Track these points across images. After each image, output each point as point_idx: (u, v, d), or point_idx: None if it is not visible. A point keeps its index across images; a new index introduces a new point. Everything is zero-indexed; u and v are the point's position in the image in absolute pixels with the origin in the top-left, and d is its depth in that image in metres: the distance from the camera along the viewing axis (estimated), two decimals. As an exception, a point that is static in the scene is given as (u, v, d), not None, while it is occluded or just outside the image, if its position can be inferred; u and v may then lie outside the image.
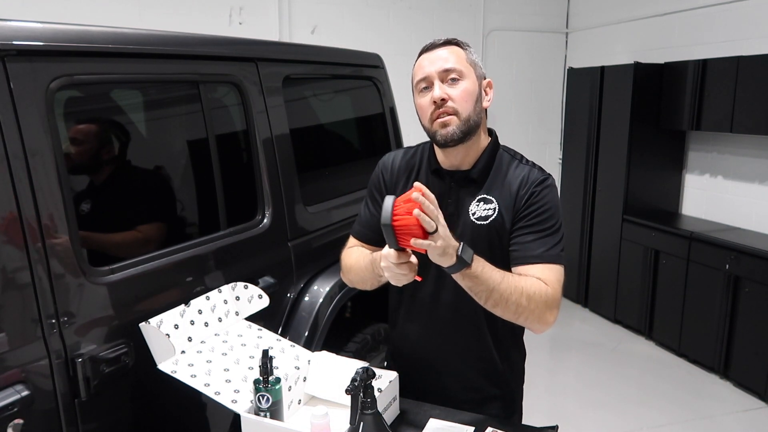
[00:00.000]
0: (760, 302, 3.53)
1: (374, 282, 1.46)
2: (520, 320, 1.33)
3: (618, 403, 3.59)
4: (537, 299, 1.29)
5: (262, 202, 1.98)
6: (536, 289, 1.30)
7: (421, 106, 1.41)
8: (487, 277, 1.26)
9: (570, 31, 5.75)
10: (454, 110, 1.36)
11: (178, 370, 1.38)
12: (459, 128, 1.37)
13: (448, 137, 1.37)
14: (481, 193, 1.43)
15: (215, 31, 2.29)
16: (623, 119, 4.53)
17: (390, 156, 1.58)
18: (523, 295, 1.28)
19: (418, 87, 1.41)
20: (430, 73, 1.38)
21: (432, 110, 1.38)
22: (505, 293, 1.27)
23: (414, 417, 1.43)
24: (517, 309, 1.29)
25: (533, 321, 1.32)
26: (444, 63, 1.38)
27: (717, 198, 4.39)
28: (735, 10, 4.11)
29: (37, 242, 1.27)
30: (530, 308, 1.29)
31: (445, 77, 1.37)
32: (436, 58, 1.39)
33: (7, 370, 1.23)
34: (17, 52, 1.26)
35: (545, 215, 1.38)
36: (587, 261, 5.05)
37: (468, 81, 1.38)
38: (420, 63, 1.42)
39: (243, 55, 1.96)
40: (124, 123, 1.77)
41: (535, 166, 1.45)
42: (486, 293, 1.27)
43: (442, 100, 1.36)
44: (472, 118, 1.39)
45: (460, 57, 1.40)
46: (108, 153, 1.68)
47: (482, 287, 1.27)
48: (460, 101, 1.37)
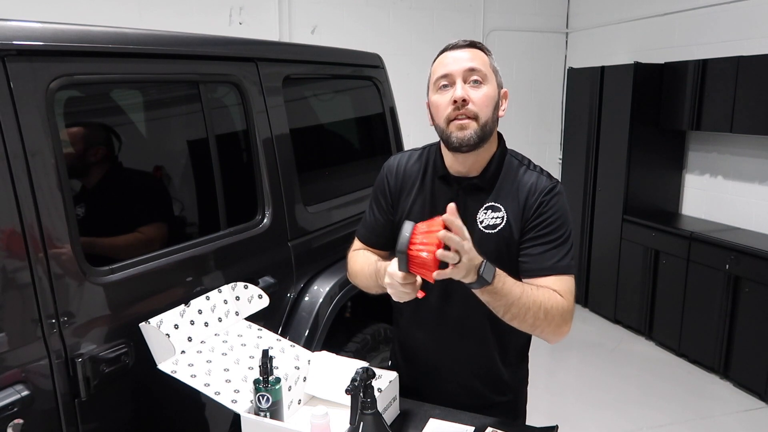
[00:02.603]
0: (760, 302, 3.53)
1: (378, 290, 1.44)
2: (536, 332, 1.31)
3: (618, 403, 3.59)
4: (554, 313, 1.28)
5: (262, 202, 1.98)
6: (553, 303, 1.28)
7: (437, 104, 1.36)
8: (507, 293, 1.22)
9: (570, 31, 5.75)
10: (474, 114, 1.32)
11: (178, 370, 1.38)
12: (476, 133, 1.32)
13: (464, 141, 1.32)
14: (489, 201, 1.40)
15: (215, 31, 2.30)
16: (623, 119, 4.53)
17: (395, 159, 1.53)
18: (541, 309, 1.26)
19: (438, 84, 1.36)
20: (454, 70, 1.33)
21: (450, 110, 1.32)
22: (523, 308, 1.24)
23: (414, 417, 1.43)
24: (534, 322, 1.27)
25: (549, 333, 1.31)
26: (469, 62, 1.34)
27: (717, 198, 4.39)
28: (735, 10, 4.11)
29: (37, 242, 1.27)
30: (547, 321, 1.27)
31: (468, 77, 1.33)
32: (460, 57, 1.35)
33: (7, 370, 1.23)
34: (17, 52, 1.26)
35: (555, 224, 1.35)
36: (587, 261, 5.05)
37: (490, 86, 1.35)
38: (442, 60, 1.37)
39: (243, 55, 1.96)
40: (124, 123, 1.77)
41: (543, 173, 1.42)
42: (504, 308, 1.25)
43: (464, 101, 1.31)
44: (489, 124, 1.35)
45: (484, 61, 1.36)
46: (107, 153, 1.68)
47: (501, 302, 1.24)
48: (481, 105, 1.33)
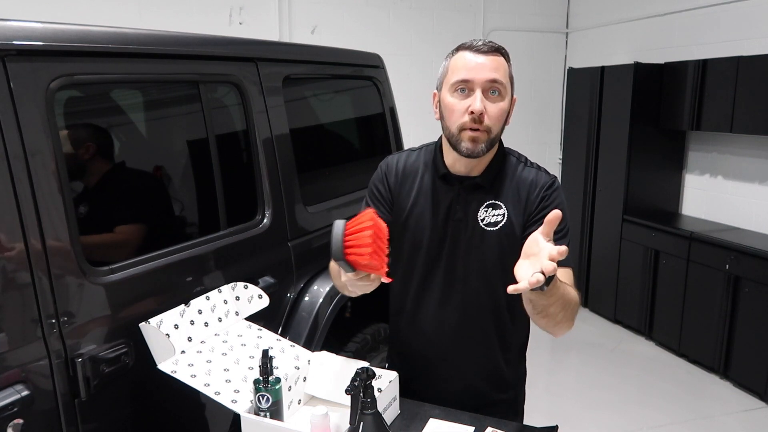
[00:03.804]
0: (760, 302, 3.53)
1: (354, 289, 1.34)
2: (555, 329, 1.27)
3: (618, 403, 3.59)
4: (574, 309, 1.26)
5: (262, 202, 1.98)
6: (574, 299, 1.26)
7: (452, 108, 1.35)
8: (552, 293, 1.15)
9: (570, 31, 5.75)
10: (487, 128, 1.33)
11: (178, 370, 1.38)
12: (486, 146, 1.34)
13: (473, 153, 1.34)
14: (489, 199, 1.41)
15: (215, 31, 2.29)
16: (623, 119, 4.53)
17: (393, 158, 1.53)
18: (568, 307, 1.23)
19: (455, 86, 1.34)
20: (476, 78, 1.32)
21: (467, 119, 1.32)
22: (558, 308, 1.20)
23: (414, 417, 1.43)
24: (560, 320, 1.24)
25: (563, 328, 1.28)
26: (492, 72, 1.32)
27: (717, 198, 4.39)
28: (735, 10, 4.11)
29: (37, 242, 1.27)
30: (568, 318, 1.26)
31: (488, 88, 1.32)
32: (484, 65, 1.32)
33: (7, 370, 1.23)
34: (17, 52, 1.26)
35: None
36: (587, 261, 5.05)
37: (506, 100, 1.35)
38: (465, 61, 1.34)
39: (243, 55, 1.96)
40: (124, 123, 1.77)
41: (540, 169, 1.44)
42: (542, 307, 1.19)
43: (481, 114, 1.31)
44: (498, 136, 1.38)
45: (505, 71, 1.35)
46: (107, 153, 1.68)
47: (545, 302, 1.17)
48: (494, 120, 1.34)
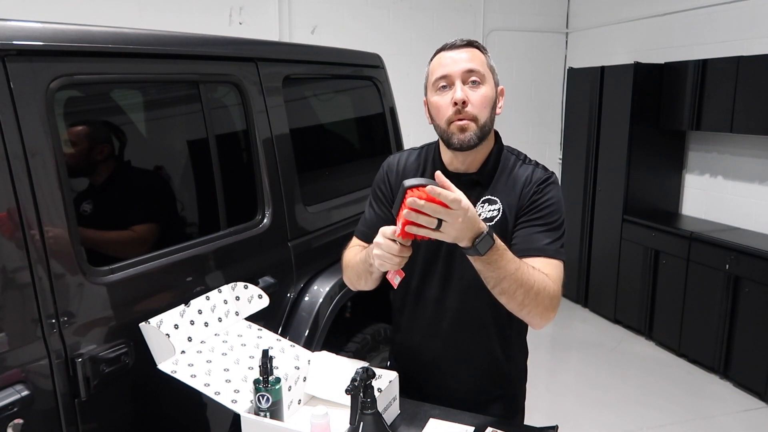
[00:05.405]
0: (760, 302, 3.53)
1: (367, 276, 1.41)
2: (523, 313, 1.30)
3: (618, 403, 3.59)
4: (544, 295, 1.28)
5: (262, 202, 1.98)
6: (545, 285, 1.28)
7: (437, 105, 1.38)
8: (501, 266, 1.22)
9: (570, 31, 5.75)
10: (473, 116, 1.34)
11: (178, 370, 1.38)
12: (476, 134, 1.35)
13: (465, 143, 1.35)
14: (485, 195, 1.42)
15: (215, 31, 2.29)
16: (623, 119, 4.53)
17: (395, 157, 1.56)
18: (532, 289, 1.26)
19: (436, 85, 1.38)
20: (452, 72, 1.35)
21: (451, 112, 1.35)
22: (514, 284, 1.24)
23: (414, 417, 1.43)
24: (523, 300, 1.26)
25: (535, 315, 1.30)
26: (467, 63, 1.35)
27: (717, 198, 4.39)
28: (735, 10, 4.11)
29: (37, 242, 1.27)
30: (536, 302, 1.27)
31: (466, 78, 1.35)
32: (458, 57, 1.36)
33: (7, 370, 1.23)
34: (17, 52, 1.26)
35: (548, 210, 1.37)
36: (587, 261, 5.05)
37: (487, 86, 1.37)
38: (440, 60, 1.38)
39: (243, 55, 1.96)
40: (124, 123, 1.77)
41: (538, 165, 1.45)
42: (495, 280, 1.24)
43: (463, 103, 1.33)
44: (487, 124, 1.38)
45: (481, 60, 1.38)
46: (108, 153, 1.68)
47: (493, 274, 1.23)
48: (479, 107, 1.35)
